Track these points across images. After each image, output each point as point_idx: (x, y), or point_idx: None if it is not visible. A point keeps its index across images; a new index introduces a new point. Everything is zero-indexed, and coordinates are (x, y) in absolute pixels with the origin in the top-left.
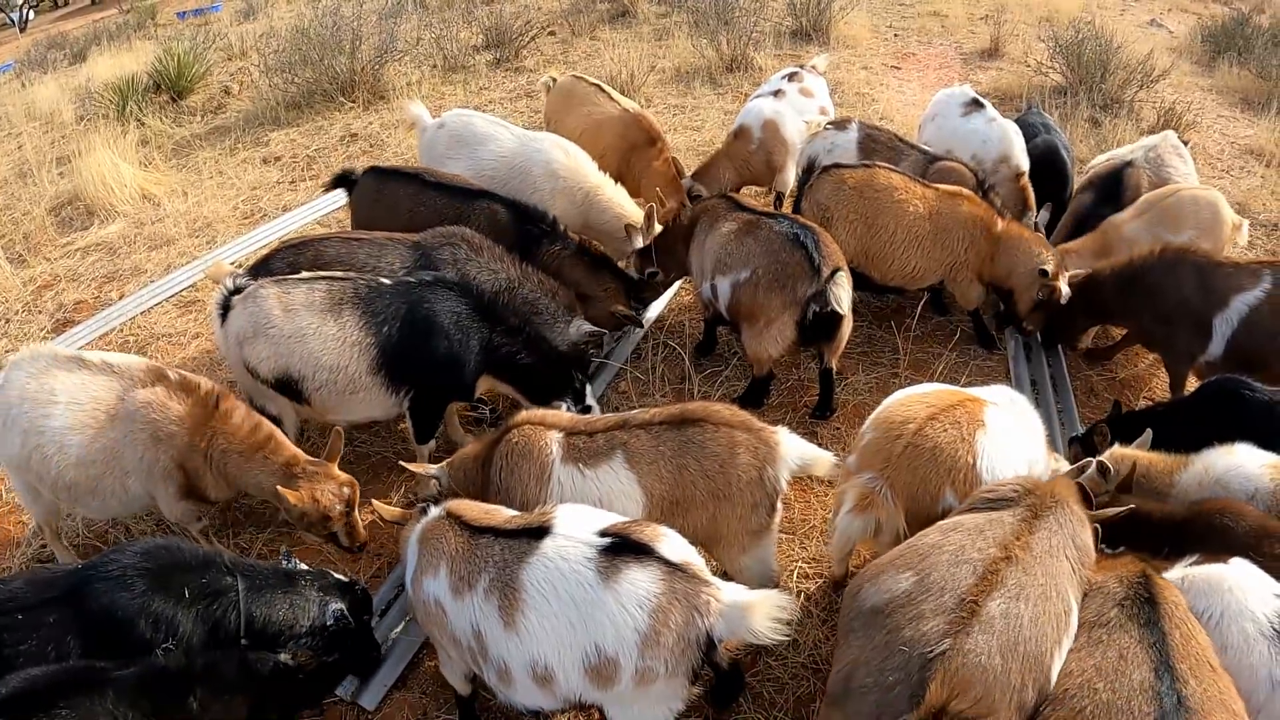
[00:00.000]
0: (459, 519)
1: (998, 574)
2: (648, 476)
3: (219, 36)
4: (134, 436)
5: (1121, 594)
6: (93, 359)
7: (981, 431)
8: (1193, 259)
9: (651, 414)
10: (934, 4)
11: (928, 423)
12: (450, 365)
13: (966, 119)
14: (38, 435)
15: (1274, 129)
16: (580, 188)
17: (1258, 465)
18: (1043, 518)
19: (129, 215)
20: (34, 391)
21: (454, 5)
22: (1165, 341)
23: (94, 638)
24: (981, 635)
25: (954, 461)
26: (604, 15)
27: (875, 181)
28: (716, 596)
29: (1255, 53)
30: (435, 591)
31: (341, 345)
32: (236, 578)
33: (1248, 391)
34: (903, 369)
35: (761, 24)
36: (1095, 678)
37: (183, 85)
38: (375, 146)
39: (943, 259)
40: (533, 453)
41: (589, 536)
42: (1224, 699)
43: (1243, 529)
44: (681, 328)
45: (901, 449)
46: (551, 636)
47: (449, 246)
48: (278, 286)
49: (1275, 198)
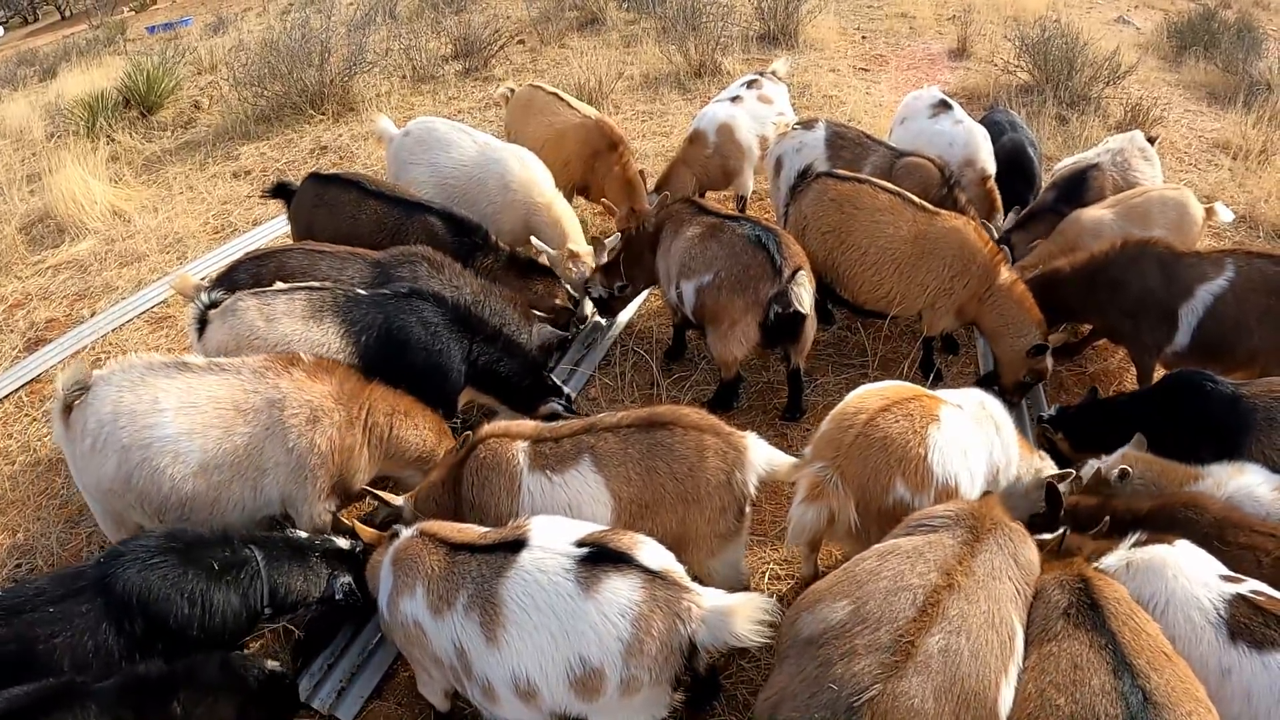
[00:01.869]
0: (434, 537)
1: (939, 605)
2: (615, 479)
3: (189, 51)
4: (286, 424)
5: (1064, 602)
6: (195, 361)
7: (935, 426)
8: (1155, 251)
9: (619, 417)
10: (902, 5)
11: (879, 414)
12: (431, 376)
13: (934, 121)
14: (143, 450)
15: (1240, 122)
16: (528, 202)
17: (1270, 489)
18: (983, 539)
19: (100, 232)
20: (131, 404)
21: (423, 15)
22: (1132, 335)
23: (131, 620)
24: (915, 677)
25: (904, 452)
26: (573, 23)
27: (858, 197)
28: (698, 603)
29: (1222, 47)
30: (413, 612)
31: (326, 352)
32: (254, 549)
33: (1210, 384)
34: (872, 370)
35: (730, 29)
36: (1055, 694)
37: (152, 100)
38: (345, 158)
39: (926, 284)
40: (501, 465)
41: (566, 547)
42: (1187, 687)
43: (1206, 521)
44: (650, 333)
45: (852, 439)
46: (534, 650)
47: (409, 265)
48: (256, 298)
49: (1243, 190)
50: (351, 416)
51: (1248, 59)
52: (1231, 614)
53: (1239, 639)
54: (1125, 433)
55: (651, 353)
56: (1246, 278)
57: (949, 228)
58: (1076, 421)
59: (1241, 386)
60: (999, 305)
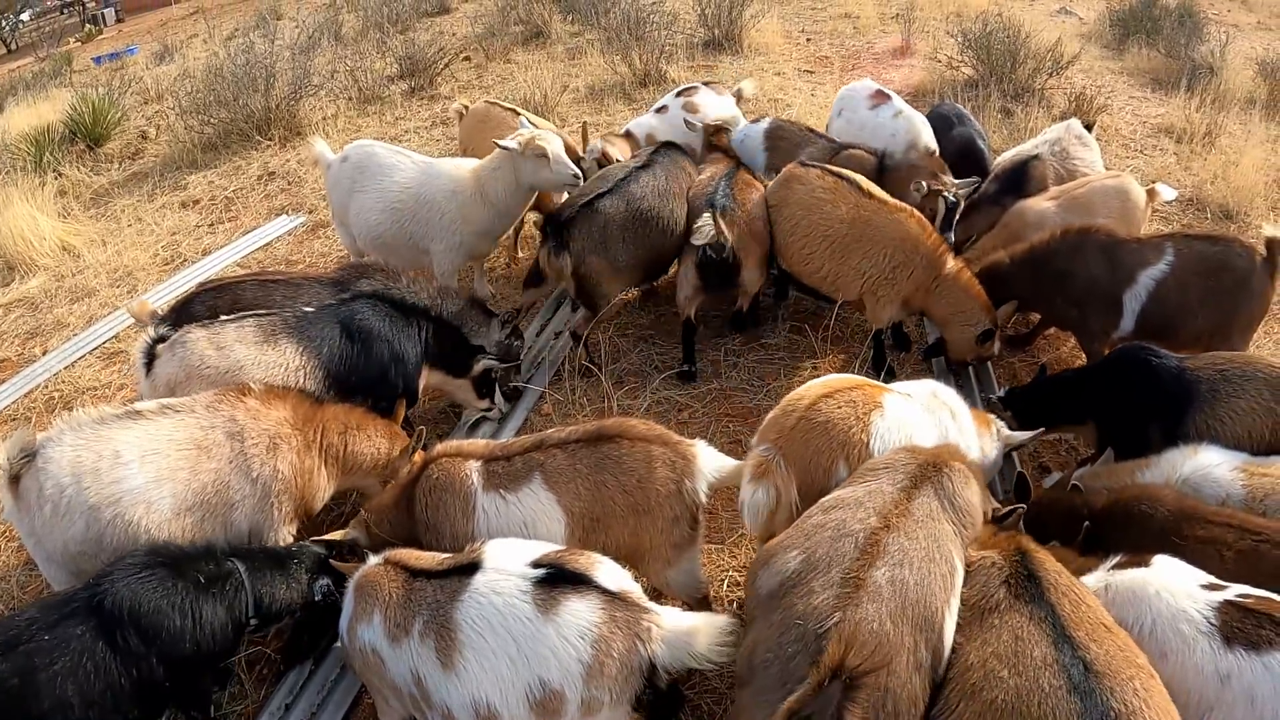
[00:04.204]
0: (396, 564)
1: (879, 543)
2: (566, 495)
3: (135, 81)
4: (248, 455)
5: (1004, 572)
6: (145, 407)
7: (877, 413)
8: (1096, 238)
9: (567, 433)
10: (845, 6)
11: (821, 399)
12: (396, 365)
13: (874, 111)
14: (113, 506)
15: (1184, 106)
16: (468, 188)
17: (1227, 470)
18: (923, 483)
19: (49, 269)
20: (92, 462)
21: (367, 36)
22: (1078, 322)
23: (125, 635)
24: (870, 604)
25: (846, 436)
26: (518, 37)
27: (806, 176)
28: (658, 623)
29: (1164, 33)
30: (371, 639)
31: (284, 372)
32: (236, 561)
33: (1155, 358)
34: (824, 372)
35: (674, 37)
36: (998, 665)
37: (99, 133)
38: (293, 184)
39: (864, 270)
40: (455, 485)
41: (521, 569)
42: (1128, 655)
43: (1161, 515)
44: (598, 346)
45: (794, 422)
46: (492, 674)
47: (366, 278)
48: (204, 329)
49: (1189, 173)
50: (308, 440)
51: (1189, 44)
52: (1223, 620)
53: (1234, 643)
54: (1074, 408)
55: (601, 367)
56: (1186, 260)
57: (891, 218)
58: (1026, 400)
59: (1186, 359)
60: (947, 294)
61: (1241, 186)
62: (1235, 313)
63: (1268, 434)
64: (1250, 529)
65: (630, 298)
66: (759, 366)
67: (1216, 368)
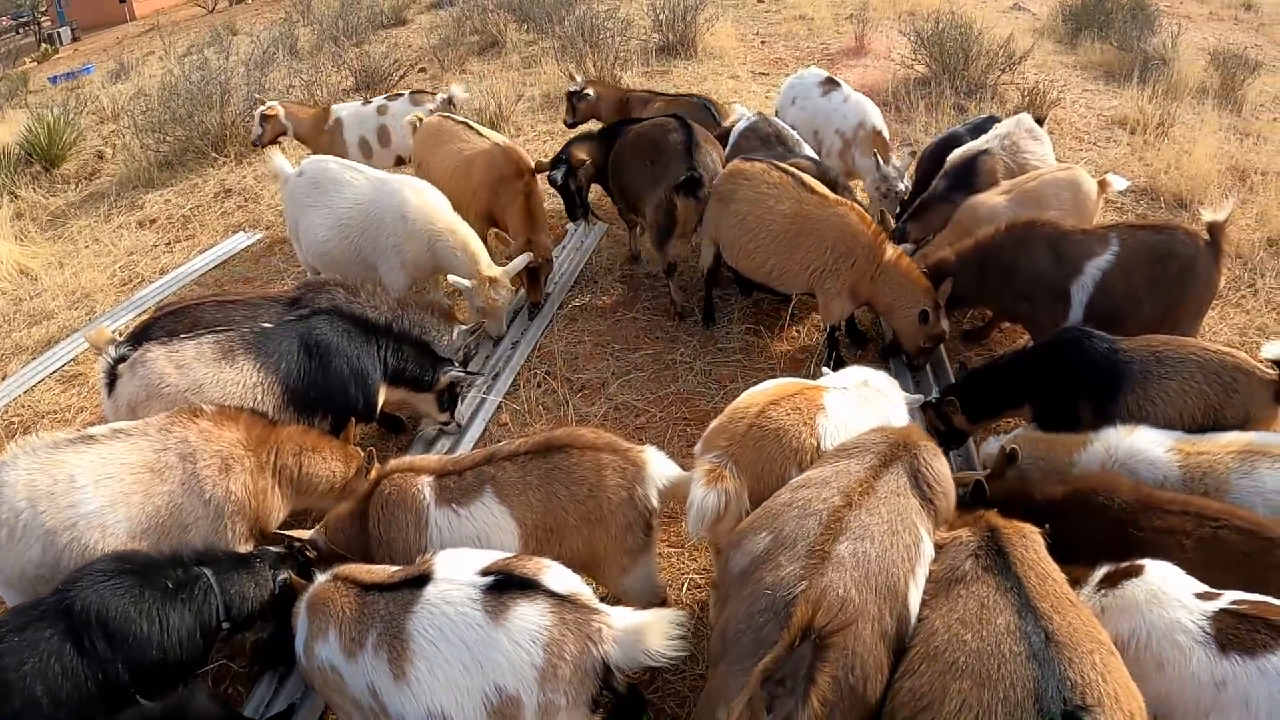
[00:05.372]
0: (347, 580)
1: (841, 520)
2: (518, 507)
3: (91, 100)
4: (200, 477)
5: (973, 546)
6: (98, 431)
7: (822, 414)
8: (1042, 232)
9: (517, 444)
10: (799, 7)
11: (769, 406)
12: (356, 380)
13: (826, 98)
14: (69, 530)
15: (1137, 98)
16: (428, 230)
17: (1162, 450)
18: (891, 462)
19: (6, 292)
20: (47, 486)
21: (323, 50)
22: (1028, 315)
23: (92, 639)
24: (834, 573)
25: (798, 443)
26: (473, 47)
27: (751, 170)
28: (608, 623)
29: (1116, 26)
30: (328, 657)
31: (243, 389)
32: (203, 566)
33: (1087, 340)
34: (780, 372)
35: (629, 43)
36: (962, 630)
37: (54, 153)
38: (250, 200)
39: (808, 263)
40: (407, 500)
41: (471, 577)
42: (1089, 630)
43: (1118, 505)
44: (553, 355)
45: (745, 429)
46: (447, 683)
47: (325, 293)
48: (164, 347)
49: (1143, 163)
50: (261, 462)
51: (1142, 36)
52: (1218, 629)
53: (1229, 650)
54: (1014, 394)
55: (553, 374)
56: (1131, 250)
57: (832, 212)
58: (967, 390)
59: (1119, 341)
60: (888, 281)
61: (1195, 175)
62: (1183, 299)
63: (1199, 416)
64: (1208, 515)
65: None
66: (715, 369)
67: (1150, 349)
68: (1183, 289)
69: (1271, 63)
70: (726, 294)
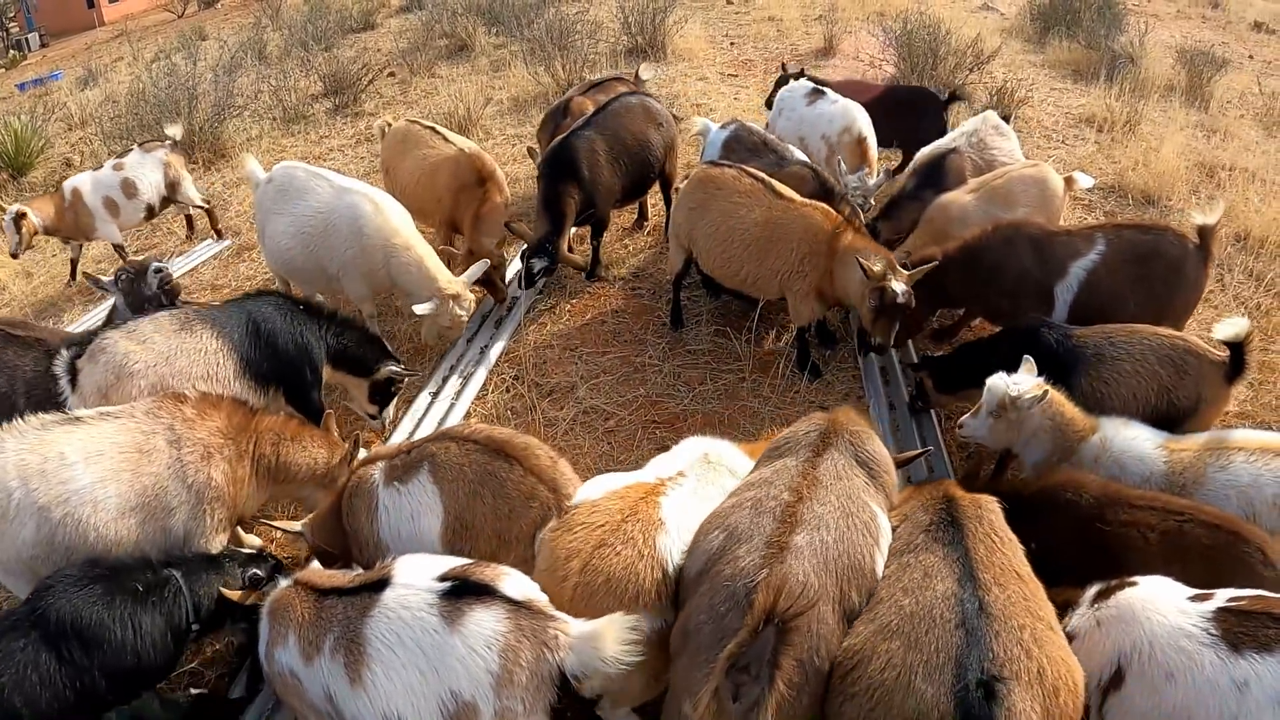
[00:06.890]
0: (306, 585)
1: (795, 514)
2: (446, 493)
3: (59, 107)
4: (184, 462)
5: (927, 520)
6: (86, 414)
7: (660, 533)
8: (1027, 232)
9: (476, 429)
10: (768, 9)
11: (594, 553)
12: (302, 353)
13: (812, 107)
14: (62, 505)
15: (1104, 96)
16: (384, 245)
17: (1152, 446)
18: (826, 450)
19: None
20: (38, 465)
21: (291, 55)
22: (1011, 314)
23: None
24: (794, 561)
25: (639, 585)
26: (442, 51)
27: (722, 178)
28: (564, 630)
29: (1083, 25)
30: (288, 662)
31: (205, 355)
32: (172, 569)
33: (1043, 328)
34: (749, 373)
35: (598, 45)
36: (901, 595)
37: (21, 161)
38: (219, 206)
39: (778, 268)
40: (362, 488)
41: (428, 583)
42: (1029, 605)
43: (1086, 502)
44: (523, 360)
45: (571, 590)
46: (403, 688)
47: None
48: (118, 330)
49: (1111, 161)
50: (241, 450)
51: (1110, 35)
52: (1223, 629)
53: (1242, 649)
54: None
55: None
56: (1117, 250)
57: (798, 214)
58: (938, 365)
59: (1073, 329)
60: (843, 264)
61: (1163, 172)
62: (1170, 300)
63: (1153, 396)
64: (1173, 510)
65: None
66: (684, 371)
67: (1104, 335)
68: (1170, 290)
69: (1238, 60)
70: (695, 296)
